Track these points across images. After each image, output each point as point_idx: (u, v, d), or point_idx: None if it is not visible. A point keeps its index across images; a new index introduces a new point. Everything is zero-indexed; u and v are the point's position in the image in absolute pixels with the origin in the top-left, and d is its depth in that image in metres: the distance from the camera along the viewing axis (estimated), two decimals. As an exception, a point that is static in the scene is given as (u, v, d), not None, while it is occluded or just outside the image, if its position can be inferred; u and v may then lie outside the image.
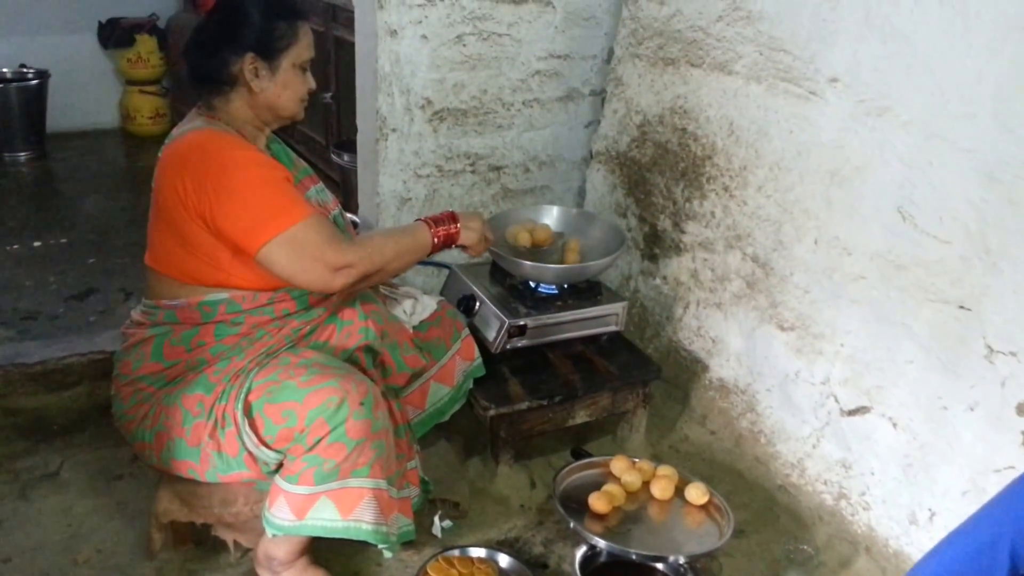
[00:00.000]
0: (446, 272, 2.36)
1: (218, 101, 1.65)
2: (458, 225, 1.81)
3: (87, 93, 4.76)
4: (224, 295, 1.61)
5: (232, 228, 1.53)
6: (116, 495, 1.97)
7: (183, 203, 1.55)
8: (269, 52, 1.61)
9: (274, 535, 1.57)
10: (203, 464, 1.56)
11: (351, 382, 1.51)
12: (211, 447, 1.54)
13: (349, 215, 2.73)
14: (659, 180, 2.42)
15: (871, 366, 1.85)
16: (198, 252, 1.58)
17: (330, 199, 1.85)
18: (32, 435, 2.15)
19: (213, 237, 1.56)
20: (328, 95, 3.34)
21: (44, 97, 4.48)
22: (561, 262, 2.15)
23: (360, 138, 2.54)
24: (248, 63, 1.60)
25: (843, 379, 1.92)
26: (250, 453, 1.52)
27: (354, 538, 1.55)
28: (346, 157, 2.92)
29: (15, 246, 3.27)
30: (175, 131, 1.66)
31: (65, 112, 4.62)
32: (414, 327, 1.94)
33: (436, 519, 1.92)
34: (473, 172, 2.58)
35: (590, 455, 2.11)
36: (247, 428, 1.51)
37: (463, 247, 1.86)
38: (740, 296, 2.20)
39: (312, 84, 1.72)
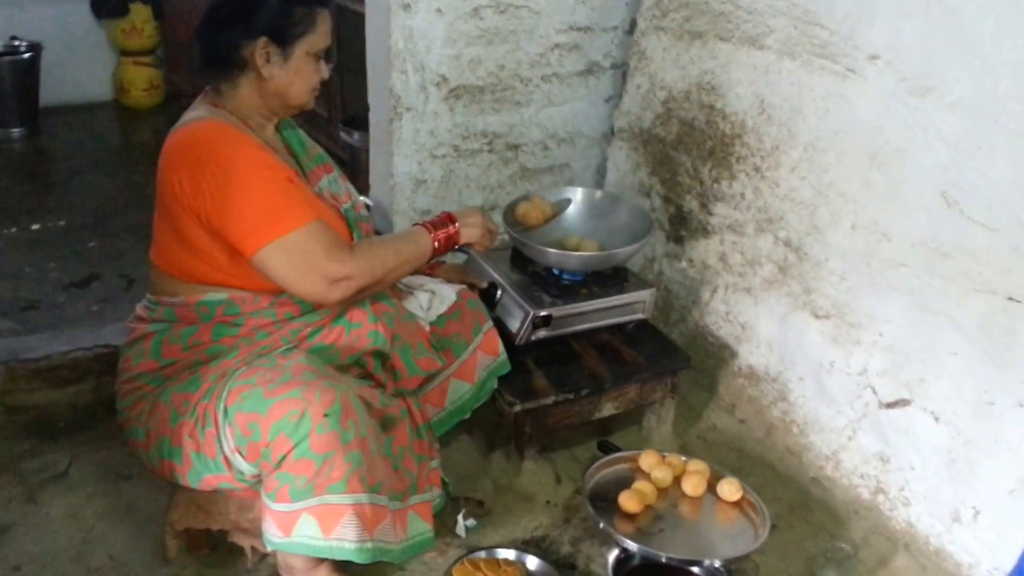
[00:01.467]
0: (464, 257, 2.35)
1: (226, 86, 1.62)
2: (456, 225, 1.81)
3: (80, 65, 4.68)
4: (223, 296, 1.60)
5: (228, 229, 1.52)
6: (127, 496, 1.96)
7: (179, 200, 1.53)
8: (284, 38, 1.58)
9: (271, 550, 1.56)
10: (184, 465, 1.55)
11: (315, 390, 1.45)
12: (191, 446, 1.53)
13: (362, 197, 2.73)
14: (685, 159, 2.39)
15: (912, 357, 1.84)
16: (196, 251, 1.57)
17: (342, 190, 1.82)
18: (37, 434, 2.14)
19: (210, 237, 1.54)
20: (329, 67, 3.30)
21: (37, 71, 4.42)
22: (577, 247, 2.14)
23: (372, 118, 2.51)
24: (260, 47, 1.57)
25: (882, 370, 1.91)
26: (226, 457, 1.50)
27: (338, 558, 1.51)
28: (356, 135, 2.88)
29: (12, 229, 3.24)
30: (181, 119, 1.63)
31: (58, 85, 4.54)
32: (431, 323, 1.93)
33: (460, 518, 1.92)
34: (490, 151, 2.55)
35: (617, 448, 2.11)
36: (226, 431, 1.48)
37: (467, 245, 1.86)
38: (771, 281, 2.18)
39: (326, 74, 1.69)
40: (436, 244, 1.76)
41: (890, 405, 1.90)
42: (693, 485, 1.91)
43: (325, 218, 1.64)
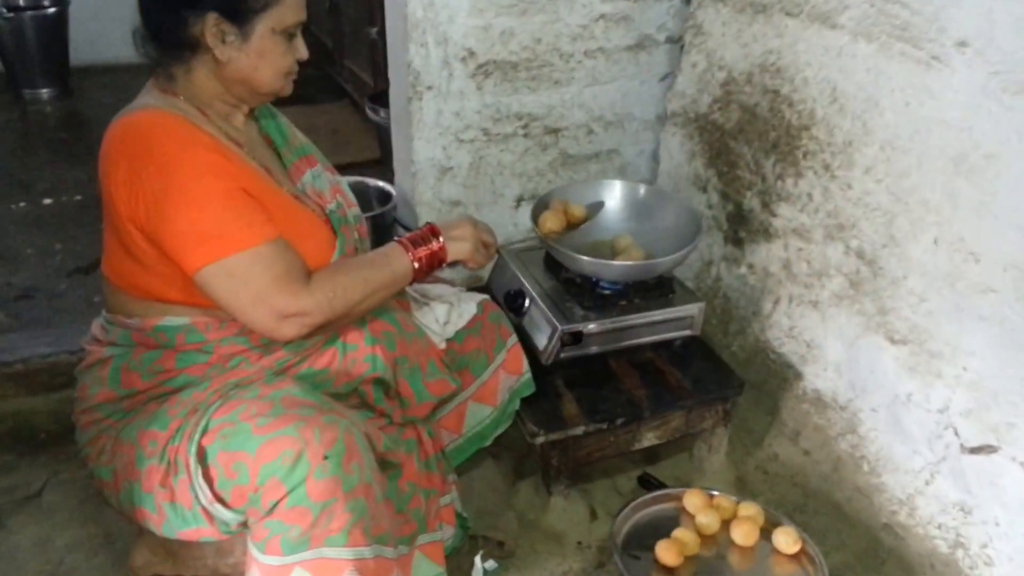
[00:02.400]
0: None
1: (178, 70, 1.50)
2: (441, 240, 1.66)
3: (113, 21, 4.67)
4: (182, 320, 1.50)
5: (167, 244, 1.41)
6: (104, 524, 1.92)
7: (117, 206, 1.42)
8: (238, 12, 1.44)
9: None
10: (159, 514, 1.45)
11: (313, 428, 1.36)
12: (164, 497, 1.43)
13: (383, 184, 2.70)
14: (746, 150, 2.28)
15: (1000, 398, 1.72)
16: (145, 263, 1.46)
17: (327, 187, 1.71)
18: (15, 446, 2.10)
19: (155, 250, 1.44)
20: (374, 30, 3.24)
21: (64, 26, 4.47)
22: (613, 256, 2.06)
23: (392, 96, 2.45)
24: (211, 25, 1.44)
25: (965, 410, 1.79)
26: (205, 509, 1.41)
27: None
28: (383, 113, 2.83)
29: (22, 203, 3.23)
30: (125, 108, 1.50)
31: (91, 43, 4.57)
32: (449, 339, 1.87)
33: (477, 560, 1.86)
34: (526, 136, 2.47)
35: (660, 484, 2.05)
36: (200, 479, 1.39)
37: (459, 263, 1.72)
38: (841, 296, 2.07)
39: (303, 53, 1.56)
40: (417, 265, 1.63)
41: (974, 450, 1.79)
42: (744, 534, 1.84)
43: (301, 224, 1.55)
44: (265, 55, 1.50)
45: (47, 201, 3.26)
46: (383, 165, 2.84)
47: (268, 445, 1.35)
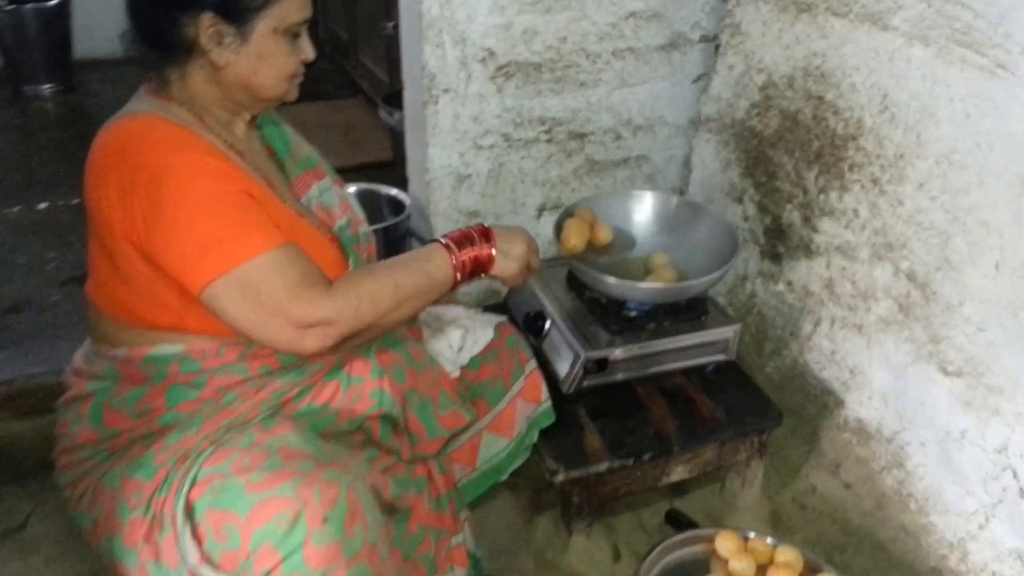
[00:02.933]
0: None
1: (172, 74, 1.42)
2: (492, 250, 1.53)
3: (117, 13, 4.65)
4: (176, 348, 1.40)
5: (165, 260, 1.31)
6: (91, 561, 1.84)
7: (109, 222, 1.33)
8: (235, 11, 1.36)
9: None
10: (141, 572, 1.36)
11: (312, 486, 1.26)
12: (148, 554, 1.34)
13: (395, 192, 2.63)
14: (786, 160, 2.19)
15: (1066, 441, 1.63)
16: (137, 286, 1.37)
17: (336, 202, 1.62)
18: (0, 473, 2.05)
19: (152, 269, 1.34)
20: (391, 24, 3.18)
21: (67, 18, 4.44)
22: (644, 273, 1.98)
23: (406, 99, 2.38)
24: (206, 26, 1.35)
25: (1026, 451, 1.71)
26: (192, 572, 1.30)
27: None
28: (397, 115, 2.76)
29: (16, 208, 3.18)
30: (115, 115, 1.42)
31: (94, 36, 4.48)
32: (463, 366, 1.80)
33: (491, 603, 1.83)
34: (549, 141, 2.40)
35: (690, 522, 1.97)
36: (188, 538, 1.29)
37: (494, 277, 1.60)
38: (889, 322, 1.98)
39: (308, 54, 1.47)
40: (459, 273, 1.49)
41: (1035, 495, 1.70)
42: (782, 581, 1.76)
43: (308, 244, 1.45)
44: (266, 57, 1.41)
45: (42, 205, 3.22)
46: (397, 167, 2.76)
47: (261, 506, 1.26)
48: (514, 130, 2.34)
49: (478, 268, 1.53)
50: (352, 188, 2.61)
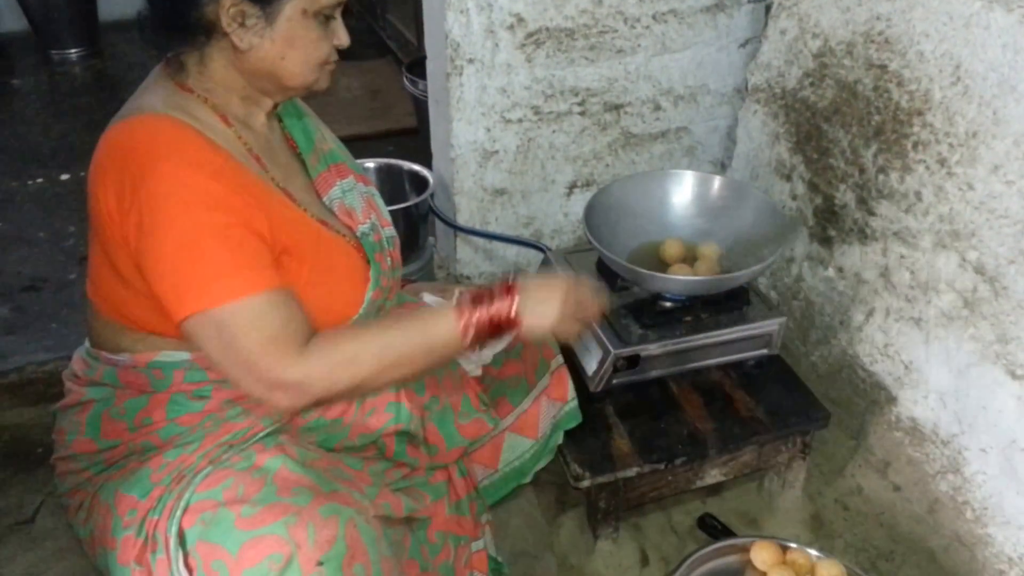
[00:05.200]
0: (539, 256, 2.05)
1: (190, 59, 1.28)
2: (512, 307, 1.29)
3: None
4: (182, 356, 1.30)
5: (153, 280, 1.20)
6: None
7: (107, 223, 1.22)
8: None
9: None
10: None
11: (307, 525, 1.15)
12: (141, 574, 1.24)
13: (418, 167, 2.45)
14: (841, 136, 1.96)
15: None
16: (138, 291, 1.25)
17: (359, 203, 1.47)
18: (10, 463, 1.99)
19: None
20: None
21: (92, -22, 4.33)
22: (690, 260, 1.80)
23: (429, 70, 2.19)
24: (228, 5, 1.21)
25: (1105, 469, 1.50)
26: None
27: None
28: (421, 85, 2.55)
29: (39, 179, 3.11)
30: (126, 105, 1.29)
31: None
32: (485, 365, 1.64)
33: (511, 612, 1.69)
34: (583, 114, 2.19)
35: (724, 528, 1.81)
36: (180, 565, 1.19)
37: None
38: (952, 317, 1.77)
39: (343, 39, 1.31)
40: (468, 339, 1.28)
41: (1114, 519, 1.50)
42: (825, 599, 1.59)
43: (331, 256, 1.33)
44: (295, 42, 1.26)
45: (64, 177, 3.12)
46: (421, 137, 2.58)
47: (251, 545, 1.14)
48: (544, 102, 2.14)
49: (497, 330, 1.31)
50: (372, 164, 2.44)
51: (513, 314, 1.30)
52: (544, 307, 1.32)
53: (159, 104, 1.26)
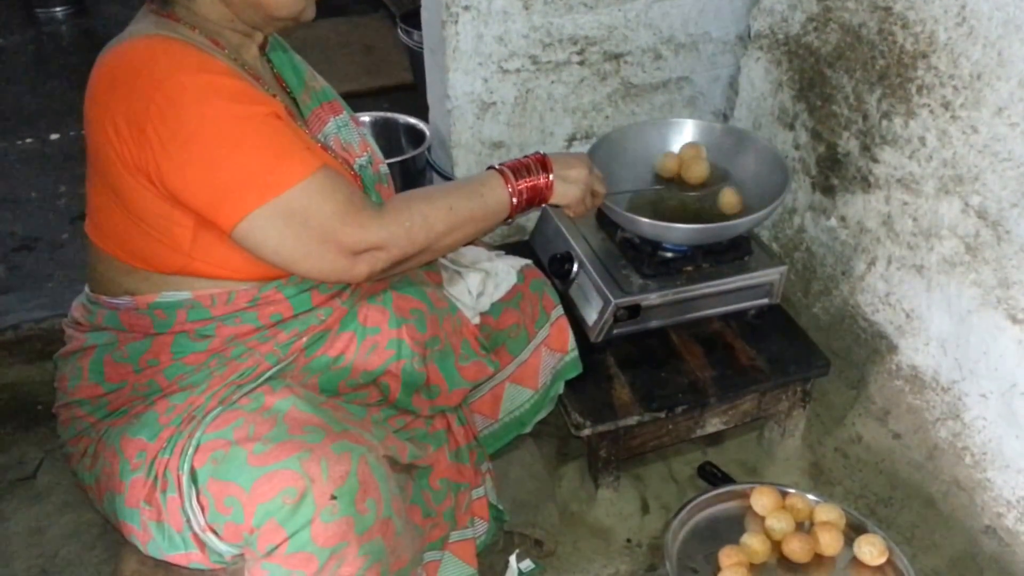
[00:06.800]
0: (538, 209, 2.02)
1: None
2: (550, 176, 1.45)
3: None
4: (184, 295, 1.28)
5: (190, 193, 1.18)
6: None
7: (116, 152, 1.18)
8: None
9: None
10: (143, 533, 1.27)
11: (320, 460, 1.15)
12: (150, 515, 1.25)
13: (414, 120, 2.41)
14: (845, 81, 1.93)
15: None
16: (147, 224, 1.24)
17: (356, 139, 1.47)
18: (10, 420, 1.98)
19: (169, 204, 1.21)
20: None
21: (80, -65, 4.24)
22: (714, 209, 1.77)
23: (424, 18, 2.14)
24: None
25: (1106, 412, 1.49)
26: (196, 535, 1.22)
27: None
28: (416, 36, 2.51)
29: (28, 139, 3.07)
30: (115, 38, 1.27)
31: None
32: (483, 312, 1.62)
33: (512, 559, 1.68)
34: (582, 63, 2.15)
35: (724, 476, 1.80)
36: (194, 502, 1.20)
37: (556, 206, 1.52)
38: (954, 263, 1.74)
39: None
40: (515, 200, 1.41)
41: (1114, 461, 1.49)
42: (824, 542, 1.59)
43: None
44: None
45: (54, 136, 3.08)
46: (419, 92, 2.54)
47: (265, 480, 1.14)
48: (543, 52, 2.10)
49: (536, 197, 1.46)
50: (367, 117, 2.40)
51: (550, 181, 1.45)
52: (571, 175, 1.48)
53: (151, 29, 1.24)
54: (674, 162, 1.89)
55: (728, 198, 1.77)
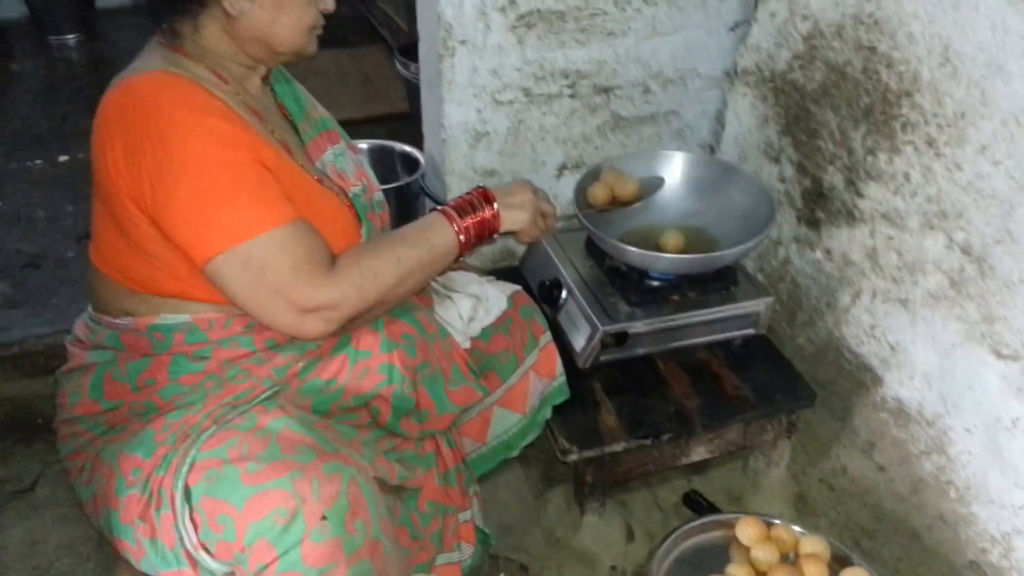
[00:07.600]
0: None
1: (184, 27, 1.30)
2: (495, 207, 1.44)
3: None
4: (183, 318, 1.30)
5: (172, 227, 1.21)
6: None
7: (116, 183, 1.23)
8: None
9: None
10: (137, 549, 1.27)
11: (311, 481, 1.15)
12: (143, 532, 1.25)
13: (410, 149, 2.42)
14: (830, 117, 1.93)
15: None
16: (145, 252, 1.27)
17: (351, 168, 1.49)
18: (10, 433, 1.98)
19: (159, 232, 1.24)
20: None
21: (89, -36, 4.28)
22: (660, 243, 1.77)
23: (421, 52, 2.15)
24: None
25: (1089, 447, 1.48)
26: (188, 552, 1.22)
27: None
28: (413, 68, 2.52)
29: (38, 161, 3.10)
30: (125, 70, 1.31)
31: None
32: (473, 337, 1.61)
33: (497, 585, 1.66)
34: (573, 96, 2.15)
35: (709, 505, 1.78)
36: (187, 520, 1.20)
37: (510, 233, 1.50)
38: (939, 297, 1.74)
39: (329, 4, 1.34)
40: (463, 239, 1.40)
41: (1097, 496, 1.48)
42: (808, 574, 1.56)
43: (324, 210, 1.34)
44: (284, 7, 1.29)
45: (63, 158, 3.11)
46: (413, 121, 2.55)
47: (257, 499, 1.14)
48: (535, 84, 2.10)
49: (484, 230, 1.44)
50: (364, 145, 2.41)
51: (496, 212, 1.44)
52: (515, 201, 1.47)
53: (157, 64, 1.27)
54: (603, 189, 1.85)
55: (673, 239, 1.77)
